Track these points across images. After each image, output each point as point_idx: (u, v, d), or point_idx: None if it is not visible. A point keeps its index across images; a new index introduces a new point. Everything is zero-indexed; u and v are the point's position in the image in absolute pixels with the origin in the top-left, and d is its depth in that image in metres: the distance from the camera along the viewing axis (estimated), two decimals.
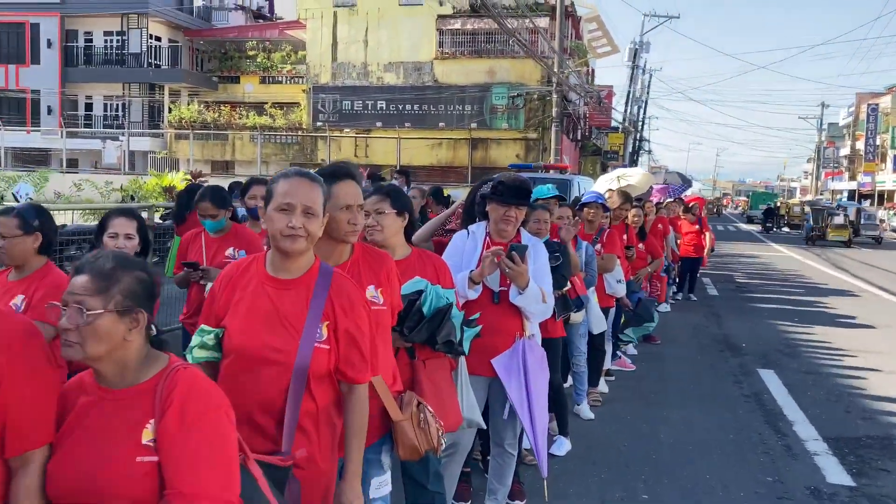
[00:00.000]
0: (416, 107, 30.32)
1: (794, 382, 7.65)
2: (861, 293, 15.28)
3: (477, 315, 3.55)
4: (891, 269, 20.56)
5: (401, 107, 30.38)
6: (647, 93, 50.96)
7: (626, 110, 43.54)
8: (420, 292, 3.25)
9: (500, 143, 29.94)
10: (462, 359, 3.54)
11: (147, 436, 1.80)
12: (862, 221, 34.06)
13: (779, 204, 47.78)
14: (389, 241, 3.33)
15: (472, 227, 4.05)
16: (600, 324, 6.18)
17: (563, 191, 14.59)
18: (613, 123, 44.06)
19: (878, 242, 33.41)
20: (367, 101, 30.69)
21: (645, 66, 49.83)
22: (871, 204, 52.03)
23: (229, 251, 4.61)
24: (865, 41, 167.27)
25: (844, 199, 54.97)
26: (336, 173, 2.77)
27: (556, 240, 5.40)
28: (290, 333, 2.29)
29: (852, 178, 59.30)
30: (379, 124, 30.50)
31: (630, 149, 46.51)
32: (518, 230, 4.01)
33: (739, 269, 19.67)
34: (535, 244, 4.01)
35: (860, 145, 56.65)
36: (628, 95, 43.91)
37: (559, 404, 5.21)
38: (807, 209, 36.38)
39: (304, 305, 2.31)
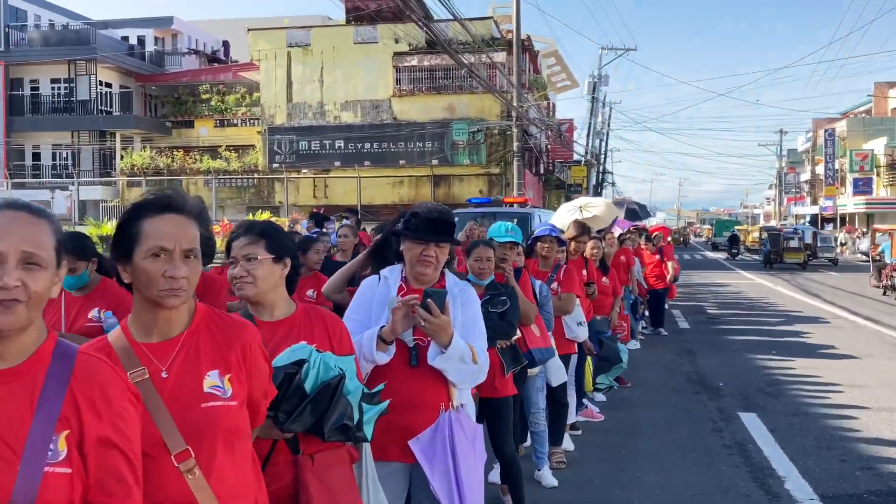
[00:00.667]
0: (375, 145, 29.66)
1: (779, 427, 6.86)
2: (834, 319, 14.66)
3: (381, 387, 2.66)
4: (858, 291, 20.07)
5: (359, 145, 29.69)
6: (609, 125, 51.02)
7: (587, 143, 43.33)
8: (301, 363, 2.40)
9: (463, 180, 29.30)
10: (366, 446, 2.68)
11: None
12: (818, 245, 34.52)
13: (737, 231, 48.45)
14: (265, 297, 2.49)
15: (384, 272, 3.21)
16: (560, 375, 5.35)
17: (524, 225, 13.88)
18: (576, 157, 43.90)
19: (833, 264, 33.71)
20: (325, 140, 29.96)
21: (605, 99, 49.96)
22: (834, 227, 52.32)
23: (93, 313, 3.71)
24: (820, 65, 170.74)
25: (807, 224, 55.35)
26: (151, 205, 1.93)
27: (502, 281, 4.61)
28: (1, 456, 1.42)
29: (814, 202, 59.68)
30: (337, 164, 29.75)
31: (594, 181, 46.26)
32: (443, 273, 3.18)
33: (709, 298, 19.04)
34: (462, 289, 3.17)
35: (820, 170, 57.11)
36: (589, 128, 43.74)
37: (512, 478, 4.35)
38: (764, 235, 37.25)
39: (27, 409, 1.45)
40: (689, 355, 10.73)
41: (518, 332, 4.55)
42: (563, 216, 12.30)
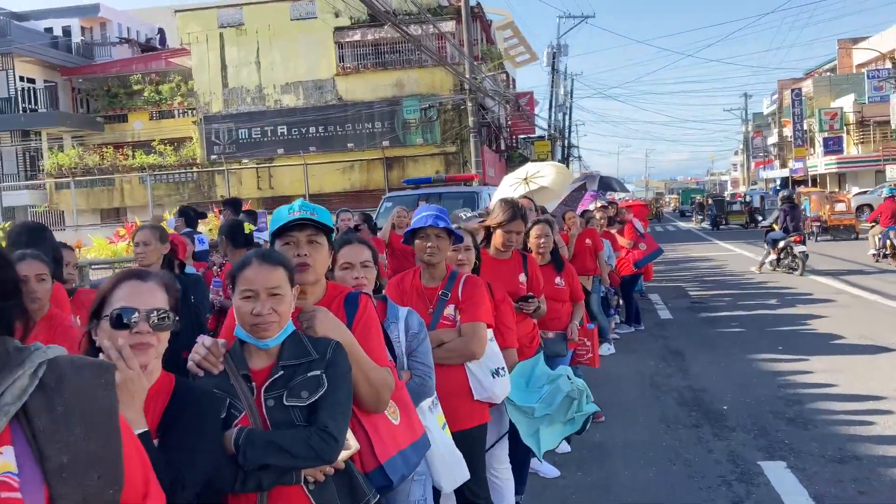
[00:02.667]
0: (320, 129, 27.03)
1: (825, 489, 4.51)
2: (838, 296, 12.41)
3: None
4: (836, 254, 17.90)
5: (304, 130, 27.06)
6: (571, 97, 48.70)
7: (550, 116, 40.97)
8: None
9: (418, 160, 26.73)
10: None
11: None
12: (766, 207, 35.84)
13: (699, 199, 52.18)
14: None
15: None
16: (456, 474, 2.93)
17: (470, 204, 11.46)
18: (539, 132, 41.55)
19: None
20: (266, 127, 27.27)
21: (566, 70, 47.62)
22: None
23: None
24: (780, 28, 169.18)
25: (777, 187, 53.64)
26: None
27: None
28: None
29: (783, 165, 57.82)
30: (281, 151, 27.08)
31: (559, 156, 43.94)
32: None
33: (690, 277, 16.76)
34: None
35: (788, 132, 55.21)
36: (551, 100, 41.39)
37: None
38: (710, 201, 43.18)
39: None
40: (677, 360, 8.38)
41: (351, 441, 2.12)
42: (506, 191, 9.89)
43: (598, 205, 12.06)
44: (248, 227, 5.52)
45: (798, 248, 15.30)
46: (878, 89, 39.62)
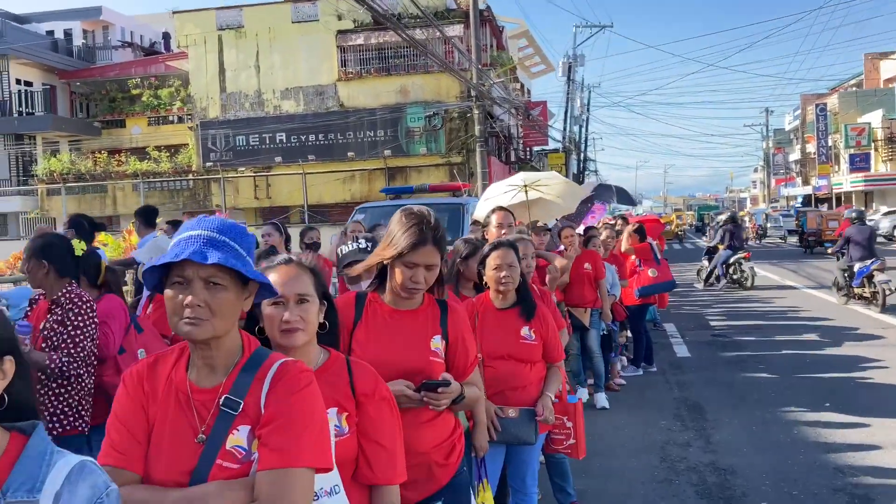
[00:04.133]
0: (320, 136, 25.41)
1: None
2: (884, 330, 10.48)
3: None
4: None
5: (303, 138, 25.45)
6: (588, 109, 46.83)
7: (565, 128, 39.10)
8: None
9: (421, 171, 25.01)
10: None
11: None
12: (770, 224, 41.14)
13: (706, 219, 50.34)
14: None
15: None
16: None
17: (454, 219, 9.69)
18: (554, 144, 39.74)
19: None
20: (264, 134, 25.69)
21: (582, 81, 45.85)
22: (829, 208, 48.17)
23: None
24: (808, 38, 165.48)
25: (797, 205, 51.52)
26: None
27: None
28: None
29: (805, 182, 55.50)
30: (279, 159, 25.48)
31: (574, 170, 42.07)
32: None
33: (710, 301, 14.84)
34: None
35: (810, 148, 52.95)
36: (566, 112, 39.54)
37: None
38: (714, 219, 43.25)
39: None
40: (697, 419, 6.52)
41: None
42: (497, 199, 8.13)
43: (604, 221, 10.26)
44: (78, 245, 3.80)
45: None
46: None
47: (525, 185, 7.83)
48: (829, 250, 15.04)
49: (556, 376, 3.72)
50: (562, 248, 7.46)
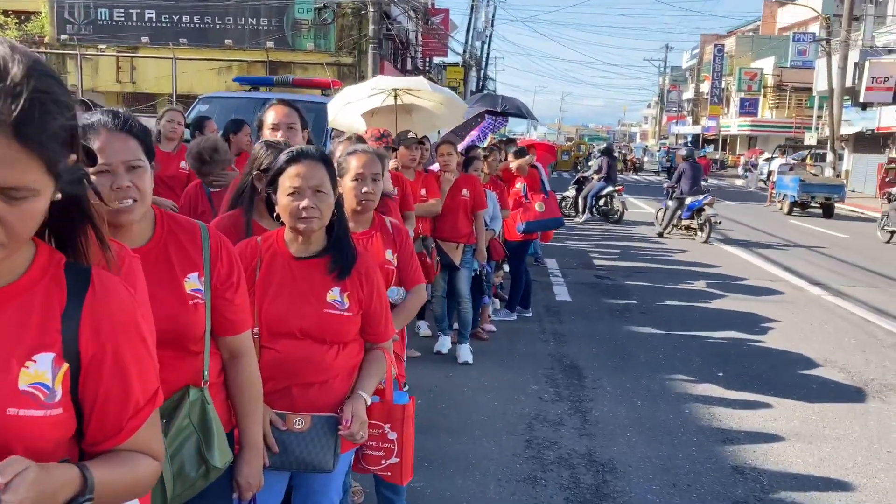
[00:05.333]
0: (195, 19, 22.72)
1: None
2: (773, 283, 9.82)
3: None
4: (761, 226, 15.55)
5: (175, 18, 22.67)
6: (492, 26, 44.96)
7: (466, 41, 37.28)
8: None
9: (307, 68, 22.72)
10: None
11: None
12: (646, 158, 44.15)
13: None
14: None
15: None
16: None
17: (319, 122, 8.08)
18: (455, 58, 37.86)
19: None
20: (131, 9, 22.71)
21: None
22: (715, 148, 49.07)
23: None
24: None
25: (688, 143, 52.33)
26: None
27: None
28: None
29: (696, 122, 56.26)
30: (146, 40, 22.49)
31: (473, 88, 40.49)
32: None
33: (597, 237, 13.98)
34: None
35: (704, 88, 53.40)
36: (469, 24, 37.65)
37: None
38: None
39: None
40: (573, 389, 5.41)
41: None
42: (361, 104, 6.63)
43: (491, 141, 8.92)
44: None
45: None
46: (801, 53, 37.75)
47: (395, 90, 6.31)
48: (665, 185, 14.51)
49: (377, 365, 2.38)
50: (435, 166, 6.11)
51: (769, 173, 26.62)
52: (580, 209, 16.45)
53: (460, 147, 7.31)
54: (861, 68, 26.81)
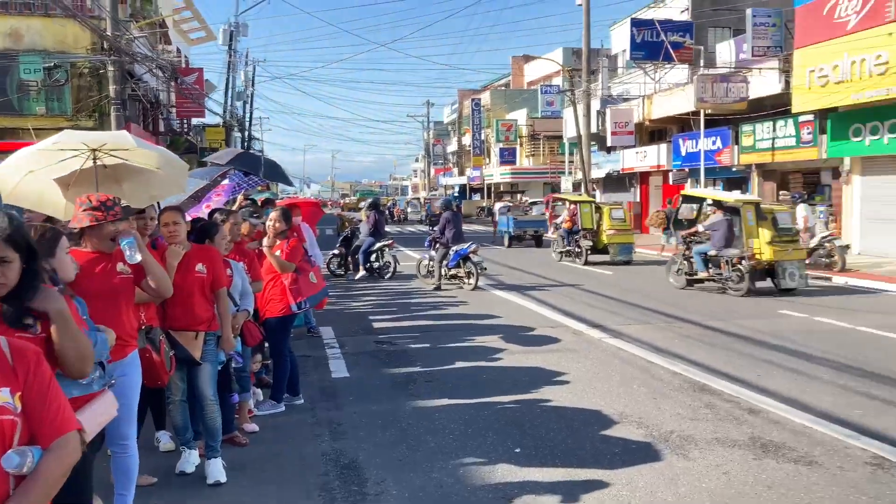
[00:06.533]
0: None
1: None
2: (552, 330, 9.55)
3: None
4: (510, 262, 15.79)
5: None
6: (253, 85, 43.66)
7: (225, 100, 35.68)
8: None
9: (40, 134, 19.94)
10: None
11: None
12: (409, 210, 47.45)
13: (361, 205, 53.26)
14: None
15: None
16: None
17: None
18: (214, 119, 36.02)
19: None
20: None
21: (247, 55, 42.67)
22: (481, 196, 51.06)
23: None
24: (464, 37, 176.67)
25: (455, 194, 54.15)
26: None
27: None
28: None
29: (461, 172, 58.38)
30: None
31: (238, 148, 38.74)
32: None
33: (368, 297, 13.19)
34: None
35: (466, 141, 55.69)
36: (227, 84, 36.16)
37: None
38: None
39: None
40: (352, 497, 4.42)
41: None
42: (47, 171, 5.24)
43: (242, 202, 7.81)
44: None
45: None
46: (550, 104, 40.40)
47: (93, 150, 4.95)
48: (431, 237, 14.36)
49: None
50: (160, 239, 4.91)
51: (492, 215, 30.63)
52: (352, 266, 15.72)
53: (198, 212, 6.12)
54: (603, 115, 28.96)
